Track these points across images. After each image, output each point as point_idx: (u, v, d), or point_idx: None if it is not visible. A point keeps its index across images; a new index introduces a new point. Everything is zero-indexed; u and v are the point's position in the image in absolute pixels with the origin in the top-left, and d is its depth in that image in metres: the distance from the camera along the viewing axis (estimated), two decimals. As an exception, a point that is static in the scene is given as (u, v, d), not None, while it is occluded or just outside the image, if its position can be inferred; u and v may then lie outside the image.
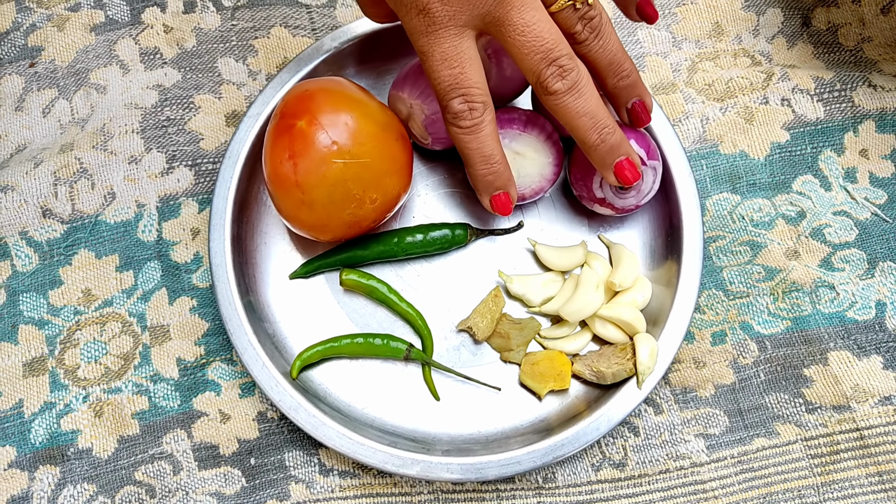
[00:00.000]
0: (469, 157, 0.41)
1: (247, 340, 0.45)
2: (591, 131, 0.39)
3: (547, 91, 0.38)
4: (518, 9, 0.35)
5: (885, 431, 0.46)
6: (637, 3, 0.40)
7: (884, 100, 0.52)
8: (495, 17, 0.36)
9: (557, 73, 0.37)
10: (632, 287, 0.47)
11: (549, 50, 0.36)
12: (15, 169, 0.50)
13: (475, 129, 0.39)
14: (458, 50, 0.37)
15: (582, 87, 0.38)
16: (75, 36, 0.54)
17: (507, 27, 0.36)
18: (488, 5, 0.35)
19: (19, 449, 0.46)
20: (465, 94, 0.38)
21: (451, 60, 0.37)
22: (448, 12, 0.35)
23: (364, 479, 0.45)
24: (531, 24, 0.36)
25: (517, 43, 0.36)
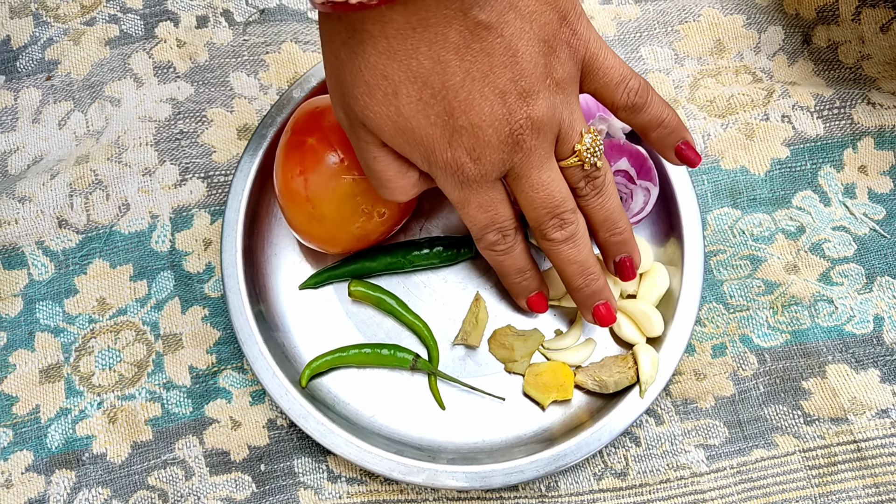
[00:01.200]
0: (504, 272, 0.45)
1: (257, 349, 0.46)
2: (578, 276, 0.43)
3: (545, 238, 0.41)
4: (538, 169, 0.38)
5: (881, 444, 0.47)
6: (676, 148, 0.42)
7: (882, 117, 0.53)
8: (517, 172, 0.38)
9: (558, 225, 0.40)
10: (650, 271, 0.48)
11: (556, 206, 0.39)
12: (32, 180, 0.52)
13: (508, 251, 0.43)
14: (490, 197, 0.39)
15: (578, 238, 0.41)
16: (90, 50, 0.56)
17: (524, 182, 0.38)
18: (513, 162, 0.37)
19: (36, 453, 0.47)
20: (499, 228, 0.41)
21: (486, 207, 0.40)
22: (481, 171, 0.37)
23: (371, 485, 0.46)
24: (546, 183, 0.39)
25: (529, 197, 0.39)
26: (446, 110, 0.35)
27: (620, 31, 0.56)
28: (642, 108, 0.40)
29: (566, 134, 0.38)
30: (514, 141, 0.37)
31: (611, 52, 0.39)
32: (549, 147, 0.38)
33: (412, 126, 0.36)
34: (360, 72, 0.35)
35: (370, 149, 0.38)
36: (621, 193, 0.46)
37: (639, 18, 0.57)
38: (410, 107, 0.35)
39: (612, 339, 0.49)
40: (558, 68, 0.37)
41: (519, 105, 0.36)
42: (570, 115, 0.38)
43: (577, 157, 0.39)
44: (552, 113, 0.37)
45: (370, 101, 0.35)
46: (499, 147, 0.37)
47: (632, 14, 0.57)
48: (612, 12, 0.57)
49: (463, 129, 0.36)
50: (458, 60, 0.34)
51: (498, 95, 0.35)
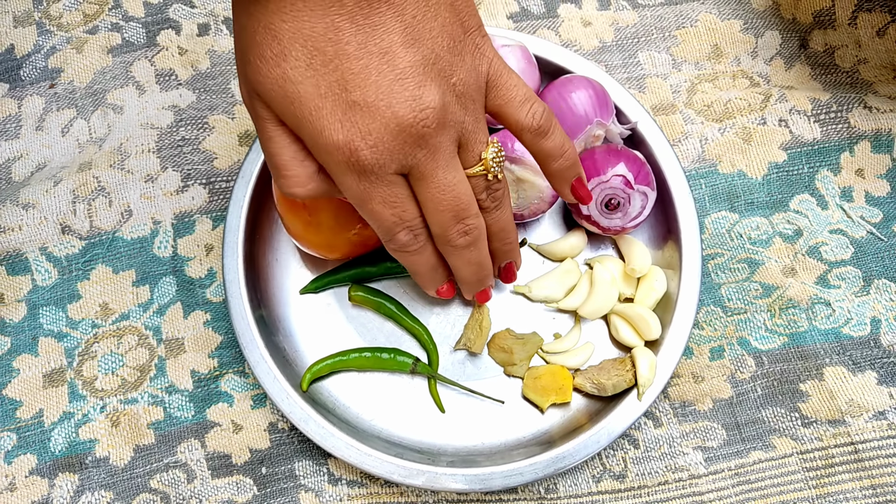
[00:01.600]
0: (416, 271, 0.42)
1: (259, 353, 0.46)
2: (474, 274, 0.42)
3: (449, 243, 0.39)
4: (444, 168, 0.36)
5: (878, 445, 0.47)
6: (572, 183, 0.41)
7: (879, 121, 0.53)
8: (422, 171, 0.36)
9: (463, 231, 0.39)
10: (648, 274, 0.49)
11: (461, 210, 0.38)
12: (35, 187, 0.52)
13: (421, 251, 0.40)
14: (395, 193, 0.36)
15: (480, 242, 0.40)
16: (93, 58, 0.56)
17: (429, 182, 0.36)
18: (417, 159, 0.35)
19: (39, 457, 0.47)
20: (408, 226, 0.38)
21: (392, 203, 0.37)
22: (378, 160, 0.34)
23: (371, 488, 0.47)
24: (452, 185, 0.37)
25: (434, 199, 0.37)
26: (338, 81, 0.33)
27: (618, 36, 0.57)
28: (547, 133, 0.39)
29: (470, 141, 0.37)
30: (418, 133, 0.34)
31: (516, 75, 0.38)
32: (452, 148, 0.36)
33: (300, 93, 0.33)
34: (254, 33, 0.33)
35: (266, 126, 0.35)
36: (619, 198, 0.47)
37: (636, 24, 0.57)
38: (299, 70, 0.33)
39: (611, 342, 0.49)
40: (461, 72, 0.35)
41: (421, 92, 0.33)
42: (473, 122, 0.36)
43: (483, 166, 0.37)
44: (454, 111, 0.35)
45: (261, 64, 0.33)
46: (398, 134, 0.34)
47: (629, 20, 0.57)
48: (610, 18, 0.57)
49: (357, 106, 0.33)
50: (354, 29, 0.32)
51: (397, 76, 0.33)
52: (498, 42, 0.49)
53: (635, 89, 0.55)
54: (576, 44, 0.56)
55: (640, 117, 0.50)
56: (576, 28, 0.57)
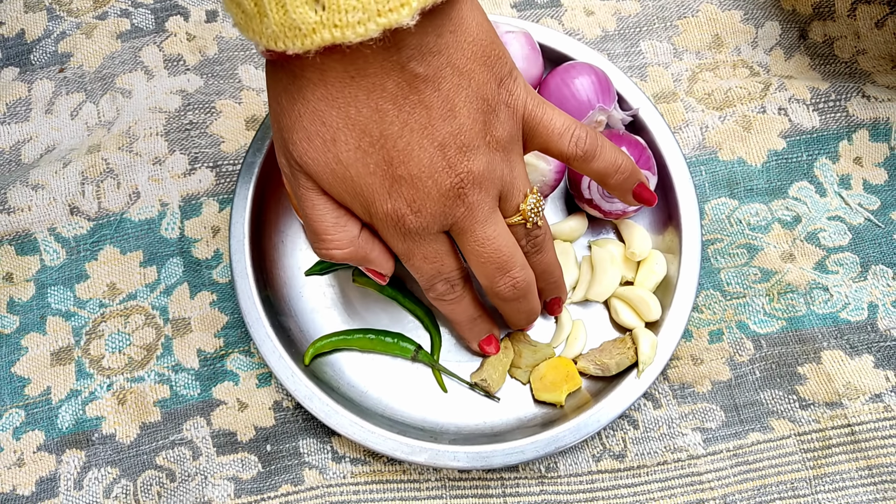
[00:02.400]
0: (455, 320, 0.45)
1: (264, 333, 0.47)
2: (525, 321, 0.46)
3: (499, 297, 0.42)
4: (482, 223, 0.38)
5: (875, 427, 0.48)
6: (633, 191, 0.43)
7: (877, 110, 0.54)
8: (461, 227, 0.38)
9: (511, 284, 0.41)
10: (648, 258, 0.49)
11: (504, 262, 0.40)
12: (45, 168, 0.53)
13: (458, 300, 0.43)
14: (436, 250, 0.39)
15: (528, 293, 0.42)
16: (102, 43, 0.57)
17: (469, 236, 0.38)
18: (456, 217, 0.37)
19: (47, 433, 0.48)
20: (446, 278, 0.41)
21: (431, 258, 0.39)
22: (422, 224, 0.37)
23: (374, 465, 0.47)
24: (491, 238, 0.39)
25: (476, 252, 0.39)
26: (385, 159, 0.35)
27: (620, 25, 0.57)
28: (594, 155, 0.40)
29: (508, 192, 0.39)
30: (456, 194, 0.37)
31: (552, 107, 0.39)
32: (492, 203, 0.38)
33: (351, 174, 0.36)
34: (300, 117, 0.35)
35: (309, 195, 0.38)
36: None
37: (638, 14, 0.58)
38: (349, 154, 0.35)
39: (611, 324, 0.50)
40: (498, 127, 0.37)
41: (459, 159, 0.36)
42: (511, 174, 0.38)
43: (521, 216, 0.40)
44: (493, 168, 0.37)
45: (308, 146, 0.36)
46: (439, 199, 0.36)
47: (631, 9, 0.58)
48: (612, 7, 0.58)
49: (402, 180, 0.36)
50: (396, 111, 0.34)
51: (437, 148, 0.35)
52: (502, 29, 0.49)
53: (637, 77, 0.56)
54: (578, 32, 0.57)
55: (642, 104, 0.51)
56: (578, 17, 0.58)
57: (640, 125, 0.51)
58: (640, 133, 0.51)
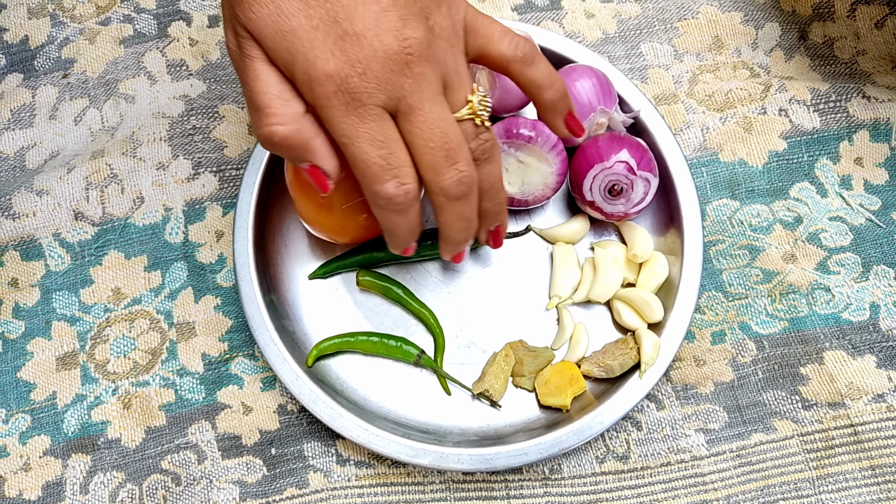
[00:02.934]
0: (395, 232, 0.40)
1: (269, 337, 0.47)
2: (461, 234, 0.41)
3: (444, 192, 0.38)
4: (430, 101, 0.36)
5: (877, 427, 0.48)
6: (565, 115, 0.42)
7: (877, 110, 0.54)
8: (408, 104, 0.36)
9: (457, 178, 0.37)
10: (650, 260, 0.50)
11: (452, 150, 0.37)
12: (49, 174, 0.53)
13: (407, 210, 0.38)
14: (383, 130, 0.36)
15: (472, 193, 0.39)
16: (105, 48, 0.57)
17: (416, 116, 0.36)
18: (405, 89, 0.35)
19: (53, 438, 0.48)
20: (397, 175, 0.37)
21: (380, 140, 0.36)
22: (367, 89, 0.35)
23: (379, 468, 0.48)
24: (440, 120, 0.36)
25: (423, 136, 0.36)
26: (329, 14, 0.34)
27: (621, 28, 0.58)
28: (532, 61, 0.39)
29: (454, 82, 0.37)
30: (403, 61, 0.35)
31: (490, 17, 0.39)
32: (438, 84, 0.36)
33: (293, 26, 0.34)
34: None
35: (254, 65, 0.36)
36: (622, 184, 0.48)
37: (639, 16, 0.58)
38: (292, 4, 0.34)
39: (614, 326, 0.50)
40: (440, 17, 0.36)
41: (402, 24, 0.35)
42: (456, 64, 0.37)
43: (470, 109, 0.37)
44: (437, 50, 0.36)
45: (253, 2, 0.34)
46: (385, 62, 0.34)
47: (632, 11, 0.58)
48: (613, 10, 0.58)
49: (347, 36, 0.34)
50: None
51: (382, 9, 0.35)
52: (503, 32, 0.50)
53: (638, 80, 0.56)
54: (579, 35, 0.57)
55: (643, 106, 0.51)
56: (579, 20, 0.58)
57: (642, 127, 0.51)
58: (641, 135, 0.51)
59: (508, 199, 0.50)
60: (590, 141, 0.49)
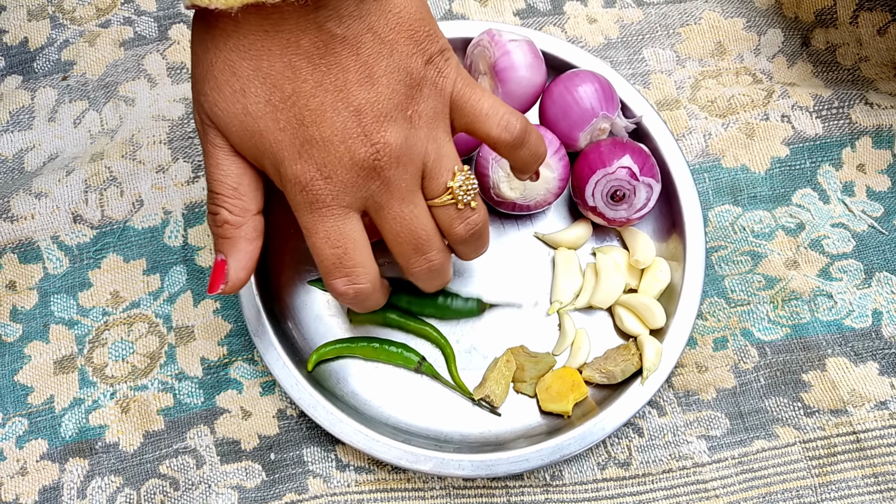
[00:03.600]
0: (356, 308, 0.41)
1: (268, 341, 0.47)
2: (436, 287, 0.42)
3: (413, 275, 0.40)
4: (399, 201, 0.36)
5: (880, 434, 0.48)
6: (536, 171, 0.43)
7: (880, 117, 0.54)
8: (378, 202, 0.36)
9: (426, 266, 0.39)
10: (652, 266, 0.49)
11: (421, 244, 0.38)
12: (48, 177, 0.53)
13: (362, 302, 0.39)
14: (341, 230, 0.36)
15: (442, 272, 0.40)
16: (105, 51, 0.57)
17: (385, 213, 0.36)
18: (371, 191, 0.35)
19: (50, 442, 0.48)
20: (348, 274, 0.37)
21: (335, 240, 0.36)
22: (331, 192, 0.35)
23: (379, 474, 0.47)
24: (409, 218, 0.37)
25: (392, 230, 0.37)
26: (297, 117, 0.34)
27: (623, 33, 0.58)
28: (523, 143, 0.38)
29: (434, 170, 0.37)
30: (371, 167, 0.35)
31: (483, 89, 0.38)
32: (411, 181, 0.36)
33: (260, 128, 0.34)
34: (211, 66, 0.34)
35: (215, 153, 0.36)
36: (624, 189, 0.48)
37: (641, 21, 0.58)
38: (259, 107, 0.34)
39: (615, 332, 0.50)
40: (421, 102, 0.35)
41: (375, 128, 0.34)
42: (437, 151, 0.36)
43: (450, 194, 0.37)
44: (415, 144, 0.35)
45: (218, 97, 0.34)
46: (352, 168, 0.34)
47: (634, 17, 0.58)
48: (615, 15, 0.58)
49: (314, 141, 0.34)
50: (311, 69, 0.33)
51: (353, 113, 0.34)
52: (505, 37, 0.49)
53: (640, 85, 0.56)
54: (581, 40, 0.57)
55: (645, 112, 0.51)
56: (581, 25, 0.58)
57: (644, 133, 0.51)
58: (643, 140, 0.51)
59: (510, 205, 0.50)
60: (592, 146, 0.49)
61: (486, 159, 0.48)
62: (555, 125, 0.50)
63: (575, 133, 0.49)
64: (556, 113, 0.50)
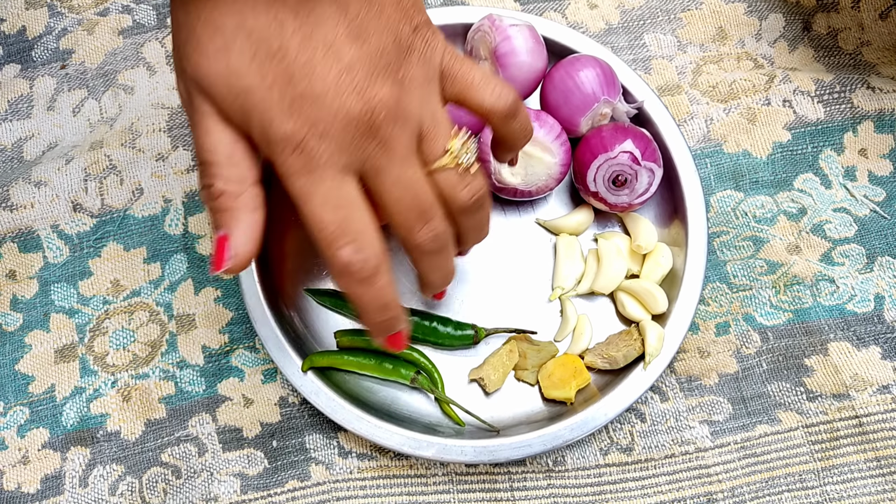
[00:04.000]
0: (364, 307, 0.36)
1: (269, 329, 0.47)
2: (441, 280, 0.40)
3: (419, 248, 0.36)
4: (400, 163, 0.34)
5: (882, 419, 0.48)
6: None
7: (882, 101, 0.54)
8: (375, 166, 0.33)
9: (432, 235, 0.36)
10: (654, 251, 0.49)
11: (425, 209, 0.35)
12: (47, 165, 0.53)
13: (370, 280, 0.34)
14: (341, 191, 0.33)
15: (447, 247, 0.37)
16: (104, 39, 0.57)
17: (386, 176, 0.34)
18: (369, 151, 0.33)
19: (52, 431, 0.48)
20: (355, 240, 0.33)
21: (335, 203, 0.33)
22: (326, 151, 0.32)
23: (381, 461, 0.47)
24: (412, 181, 0.34)
25: (395, 196, 0.34)
26: (285, 73, 0.31)
27: (624, 18, 0.57)
28: (515, 113, 0.37)
29: (430, 131, 0.35)
30: (368, 125, 0.32)
31: (469, 61, 0.36)
32: (409, 142, 0.34)
33: (246, 85, 0.31)
34: (193, 28, 0.32)
35: (204, 121, 0.33)
36: (626, 174, 0.47)
37: (642, 6, 0.58)
38: (244, 64, 0.31)
39: (617, 317, 0.50)
40: (412, 68, 0.34)
41: (368, 83, 0.32)
42: (432, 114, 0.35)
43: (451, 155, 0.35)
44: (409, 104, 0.33)
45: (201, 57, 0.32)
46: (347, 125, 0.32)
47: (635, 2, 0.58)
48: (616, 0, 0.58)
49: (305, 97, 0.31)
50: (298, 23, 0.31)
51: (344, 68, 0.32)
52: (506, 22, 0.49)
53: (641, 70, 0.56)
54: (582, 26, 0.57)
55: (647, 97, 0.51)
56: (582, 10, 0.57)
57: (645, 118, 0.51)
58: (645, 126, 0.51)
59: (511, 191, 0.49)
60: (594, 131, 0.49)
61: (488, 145, 0.48)
62: (556, 110, 0.50)
63: (576, 118, 0.49)
64: (558, 98, 0.49)
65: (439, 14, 0.53)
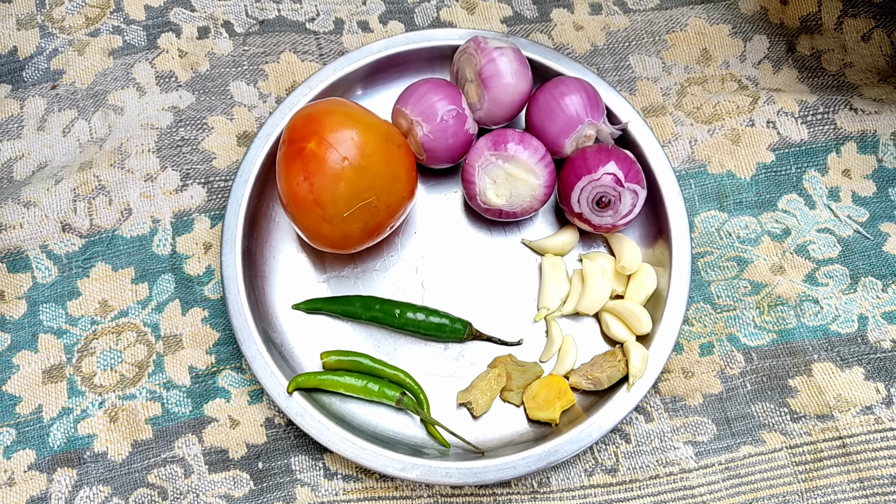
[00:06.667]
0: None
1: (256, 350, 0.47)
2: None
3: None
4: None
5: (866, 440, 0.48)
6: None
7: (865, 122, 0.55)
8: None
9: None
10: (638, 272, 0.49)
11: None
12: (37, 186, 0.53)
13: None
14: None
15: None
16: (95, 60, 0.57)
17: None
18: None
19: (38, 452, 0.48)
20: None
21: None
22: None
23: (367, 482, 0.47)
24: None
25: None
26: None
27: (609, 40, 0.58)
28: None
29: None
30: None
31: None
32: None
33: None
34: None
35: None
36: (610, 196, 0.48)
37: (627, 28, 0.58)
38: None
39: (602, 338, 0.50)
40: None
41: None
42: None
43: None
44: None
45: None
46: None
47: (620, 24, 0.58)
48: (602, 22, 0.58)
49: None
50: None
51: None
52: (491, 44, 0.50)
53: (626, 91, 0.56)
54: (568, 47, 0.58)
55: (631, 118, 0.51)
56: (568, 32, 0.58)
57: (630, 139, 0.52)
58: (629, 147, 0.51)
59: (496, 211, 0.50)
60: (578, 153, 0.50)
61: (473, 166, 0.49)
62: (541, 132, 0.50)
63: (561, 140, 0.50)
64: (542, 120, 0.50)
65: (426, 36, 0.53)
